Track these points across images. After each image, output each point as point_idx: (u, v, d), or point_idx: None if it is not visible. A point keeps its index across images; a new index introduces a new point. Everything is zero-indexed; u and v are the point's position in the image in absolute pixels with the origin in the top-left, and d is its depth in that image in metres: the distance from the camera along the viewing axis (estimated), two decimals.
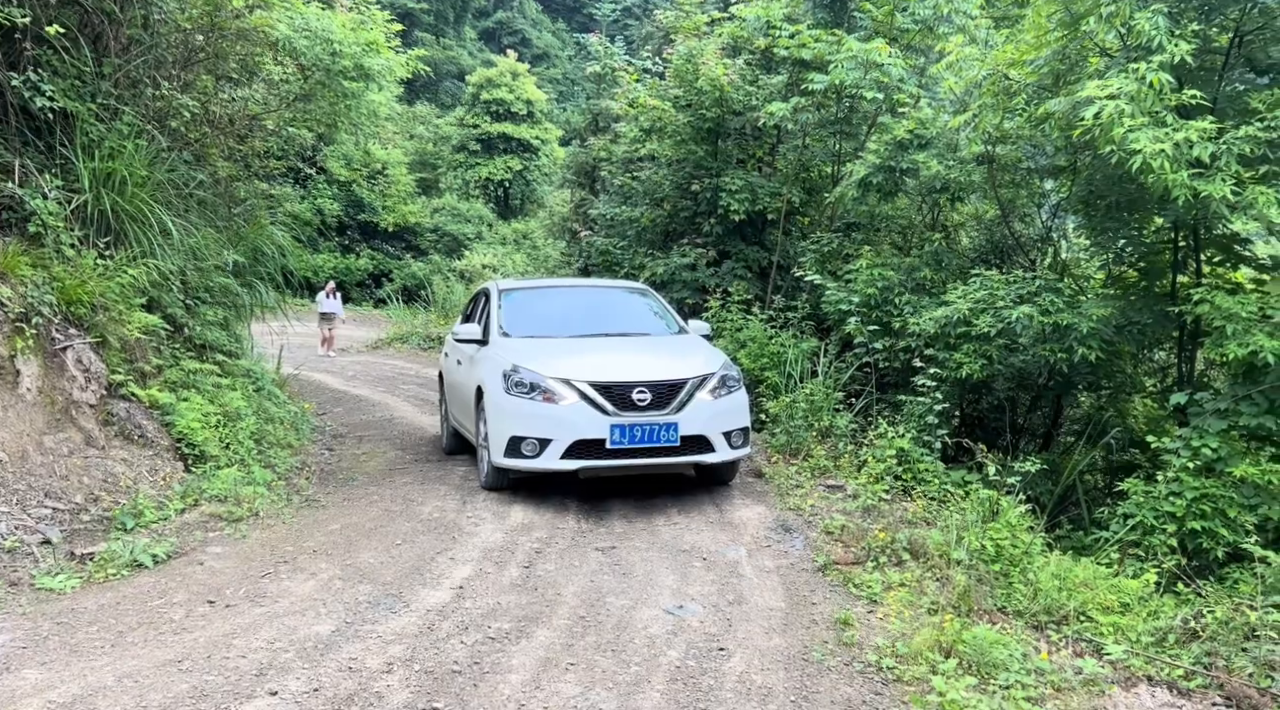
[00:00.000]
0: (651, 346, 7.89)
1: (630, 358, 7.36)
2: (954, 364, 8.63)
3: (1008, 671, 4.39)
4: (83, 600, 4.68)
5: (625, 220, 14.44)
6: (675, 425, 6.77)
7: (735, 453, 7.19)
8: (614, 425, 6.65)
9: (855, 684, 4.29)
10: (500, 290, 8.63)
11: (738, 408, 7.26)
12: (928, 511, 7.01)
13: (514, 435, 6.76)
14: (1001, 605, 5.39)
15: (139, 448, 6.74)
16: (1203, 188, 6.36)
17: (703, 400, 6.95)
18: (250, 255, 9.68)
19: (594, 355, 7.32)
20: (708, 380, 7.09)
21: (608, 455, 6.68)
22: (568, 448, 6.65)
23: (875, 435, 8.35)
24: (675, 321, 8.54)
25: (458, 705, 3.76)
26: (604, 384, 6.77)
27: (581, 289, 9.71)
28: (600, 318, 8.39)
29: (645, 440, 6.70)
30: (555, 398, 6.77)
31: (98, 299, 6.72)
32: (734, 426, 7.14)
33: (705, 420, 6.91)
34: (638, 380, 6.80)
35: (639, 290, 9.38)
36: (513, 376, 6.95)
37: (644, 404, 6.75)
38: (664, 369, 7.04)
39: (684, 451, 6.87)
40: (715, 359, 7.51)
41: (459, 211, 32.32)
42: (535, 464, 6.75)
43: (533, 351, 7.32)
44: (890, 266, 10.30)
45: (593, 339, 7.85)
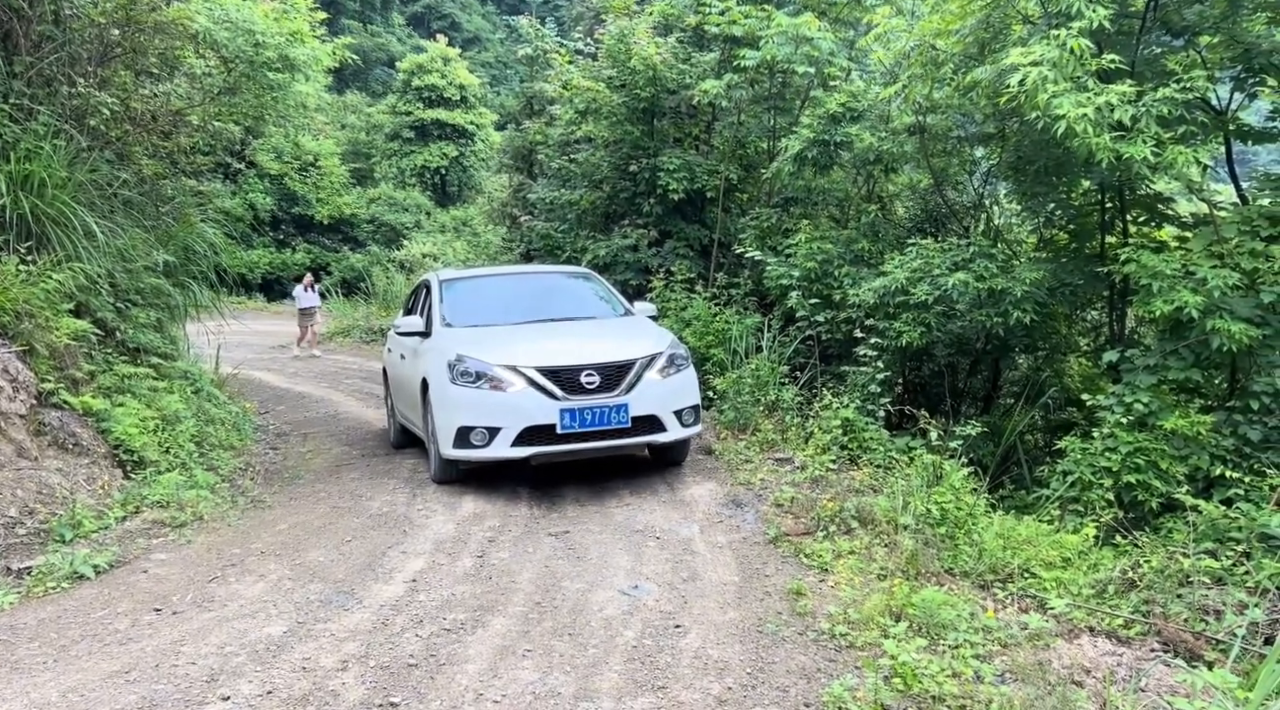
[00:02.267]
0: (598, 329, 7.83)
1: (577, 341, 7.29)
2: (894, 333, 8.77)
3: (956, 631, 4.49)
4: (22, 616, 4.56)
5: (565, 203, 14.38)
6: (625, 406, 6.73)
7: (687, 431, 7.18)
8: (564, 410, 6.60)
9: (809, 652, 4.37)
10: (441, 281, 8.53)
11: (687, 386, 7.27)
12: (874, 479, 7.13)
13: (462, 425, 6.66)
14: (948, 567, 5.51)
15: (74, 457, 6.56)
16: (1125, 150, 6.52)
17: (652, 380, 6.94)
18: (181, 254, 9.45)
19: (540, 340, 7.25)
20: (656, 360, 7.07)
21: (559, 440, 6.63)
22: (518, 435, 6.59)
23: (820, 407, 8.46)
24: (620, 304, 8.52)
25: (415, 699, 3.75)
26: (551, 368, 6.70)
27: (523, 276, 9.59)
28: (544, 303, 8.29)
29: (596, 423, 6.65)
30: (502, 385, 6.69)
31: (22, 306, 6.51)
32: (684, 404, 7.14)
33: (655, 400, 6.90)
34: (585, 363, 6.73)
35: (582, 275, 9.34)
36: (458, 366, 6.85)
37: (593, 387, 6.69)
38: (611, 351, 6.98)
39: (636, 432, 6.83)
40: (663, 338, 7.53)
41: (396, 201, 31.87)
42: (485, 454, 6.67)
43: (477, 340, 7.24)
44: (829, 240, 10.41)
45: (538, 325, 7.77)
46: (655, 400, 6.91)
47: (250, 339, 17.14)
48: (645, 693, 3.84)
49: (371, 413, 11.18)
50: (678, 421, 7.05)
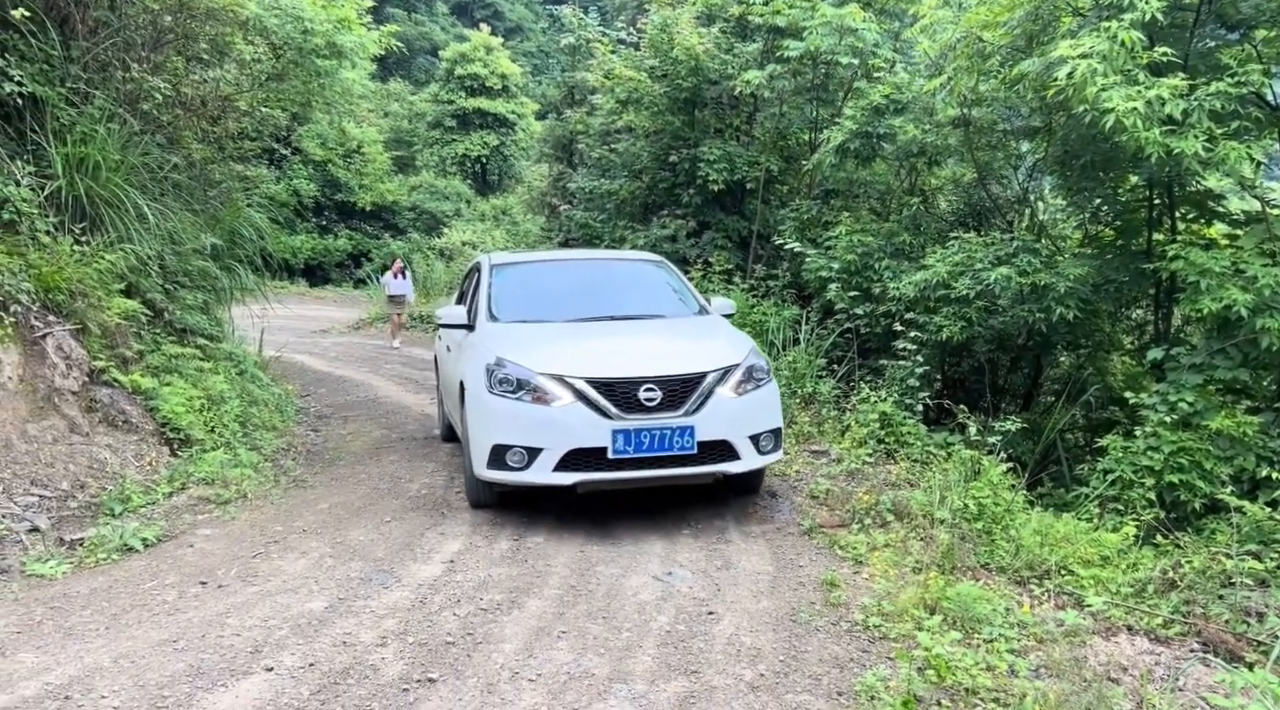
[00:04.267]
0: (665, 332, 6.85)
1: (638, 347, 6.38)
2: (934, 327, 8.71)
3: (991, 626, 4.47)
4: (75, 585, 4.69)
5: (604, 193, 14.42)
6: (691, 429, 5.72)
7: (764, 459, 6.12)
8: (617, 431, 5.64)
9: (842, 642, 4.37)
10: (492, 265, 7.64)
11: (767, 405, 6.21)
12: (911, 473, 7.10)
13: (498, 443, 5.76)
14: (985, 562, 5.48)
15: (124, 433, 6.73)
16: (1175, 145, 6.42)
17: (724, 398, 5.92)
18: (228, 238, 9.62)
19: (595, 344, 6.34)
20: (731, 373, 6.04)
21: (610, 466, 5.69)
22: (562, 458, 5.66)
23: (858, 400, 8.44)
24: (695, 300, 7.48)
25: (452, 675, 3.81)
26: (605, 381, 5.74)
27: (585, 263, 8.36)
28: (606, 297, 7.30)
29: (656, 448, 5.68)
30: (547, 398, 5.75)
31: (76, 285, 6.68)
32: (763, 428, 6.08)
33: (728, 422, 5.88)
34: (646, 376, 5.77)
35: (653, 262, 8.20)
36: (497, 372, 5.94)
37: (653, 404, 5.71)
38: (678, 360, 6.06)
39: (703, 460, 5.81)
40: (740, 346, 6.47)
41: (437, 189, 32.12)
42: (523, 478, 5.76)
43: (523, 341, 6.34)
44: (869, 232, 10.34)
45: (596, 324, 6.79)
46: (728, 422, 5.89)
47: (293, 323, 17.40)
48: (678, 676, 3.88)
49: (411, 398, 11.32)
50: (754, 448, 6.00)
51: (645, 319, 7.02)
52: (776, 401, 6.34)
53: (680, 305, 7.36)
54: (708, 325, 6.95)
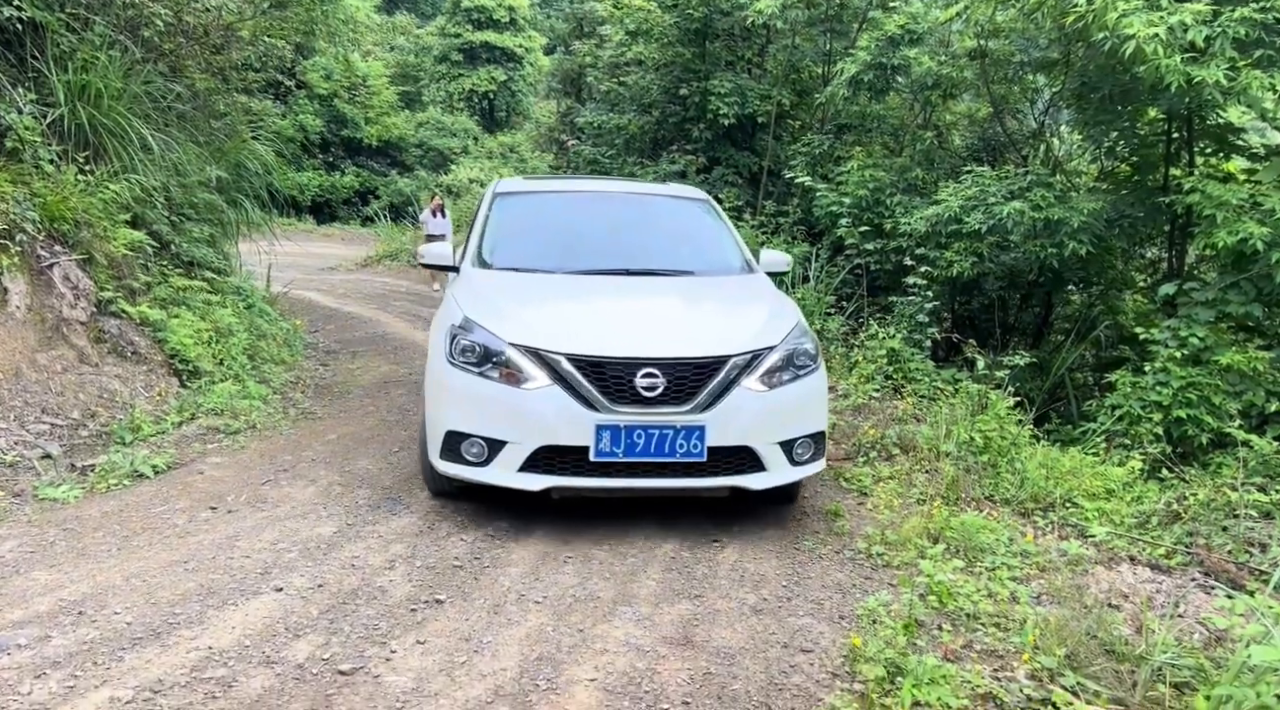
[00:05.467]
0: (690, 296, 5.37)
1: (648, 316, 5.02)
2: (945, 263, 8.64)
3: (994, 555, 4.51)
4: (86, 509, 4.75)
5: (613, 128, 14.24)
6: (701, 430, 4.41)
7: (799, 471, 4.75)
8: (603, 426, 4.35)
9: (845, 570, 4.41)
10: (496, 192, 6.39)
11: (809, 402, 4.79)
12: (917, 409, 7.11)
13: (452, 430, 4.54)
14: (989, 494, 5.50)
15: (132, 364, 6.75)
16: (1196, 73, 6.28)
17: (751, 390, 4.55)
18: (233, 171, 9.54)
19: (593, 309, 5.04)
20: (763, 358, 4.64)
21: (592, 471, 4.43)
22: (530, 455, 4.42)
23: (866, 337, 8.42)
24: (740, 253, 6.02)
25: (460, 597, 3.86)
26: (592, 360, 4.42)
27: (613, 196, 6.69)
28: (629, 244, 5.94)
29: (651, 452, 4.40)
30: (519, 376, 4.46)
31: (81, 215, 6.64)
32: (800, 432, 4.71)
33: (752, 422, 4.54)
34: (646, 357, 4.43)
35: (697, 201, 6.64)
36: (460, 337, 4.65)
37: (654, 394, 4.39)
38: (694, 338, 4.67)
39: (715, 470, 4.52)
40: (782, 321, 4.97)
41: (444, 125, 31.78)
42: (481, 476, 4.52)
43: (504, 297, 5.04)
44: (881, 167, 10.21)
45: (606, 279, 5.42)
46: (752, 423, 4.54)
47: (300, 260, 17.36)
48: (682, 600, 3.92)
49: (419, 334, 11.32)
50: (786, 457, 4.66)
51: (670, 276, 5.59)
52: (822, 398, 4.88)
53: (720, 259, 5.94)
54: (748, 289, 5.53)
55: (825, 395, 4.96)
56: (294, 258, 15.10)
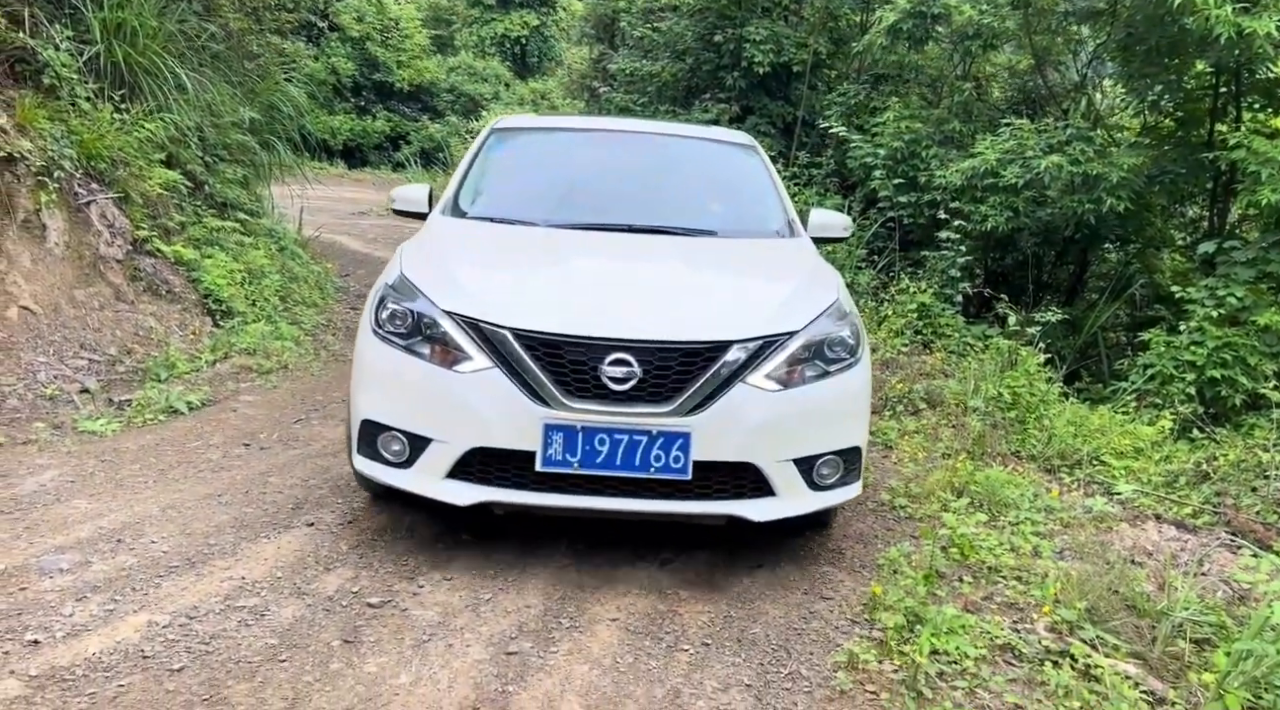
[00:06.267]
0: (703, 261, 4.30)
1: (638, 283, 3.94)
2: (979, 217, 8.51)
3: (1018, 510, 4.51)
4: (124, 442, 4.86)
5: (645, 75, 14.05)
6: (685, 438, 3.36)
7: (821, 498, 3.67)
8: (554, 426, 3.34)
9: (867, 521, 4.44)
10: (495, 128, 5.43)
11: (841, 407, 3.70)
12: (946, 364, 7.07)
13: (369, 419, 3.60)
14: (1015, 450, 5.50)
15: (167, 303, 6.84)
16: (1247, 24, 6.09)
17: (758, 389, 3.47)
18: (266, 113, 9.54)
19: (571, 271, 4.00)
20: (779, 347, 3.54)
21: (539, 484, 3.42)
22: (461, 459, 3.43)
23: (896, 291, 8.35)
24: (782, 211, 4.89)
25: (487, 535, 3.93)
26: (545, 337, 3.39)
27: (633, 137, 5.52)
28: (643, 194, 4.94)
29: (617, 464, 3.36)
30: (453, 355, 3.47)
31: (117, 153, 6.69)
32: (824, 447, 3.62)
33: (756, 431, 3.46)
34: (615, 337, 3.38)
35: (739, 146, 5.50)
36: (390, 300, 3.71)
37: (625, 387, 3.36)
38: (688, 315, 3.59)
39: (703, 492, 3.48)
40: (814, 299, 3.84)
41: (475, 70, 31.50)
42: (400, 480, 3.57)
43: (462, 252, 4.16)
44: (918, 119, 10.02)
45: (601, 236, 4.34)
46: (756, 432, 3.47)
47: (332, 204, 17.42)
48: (699, 549, 3.96)
49: None
50: (803, 478, 3.58)
51: (684, 236, 4.49)
52: (861, 402, 3.80)
53: (754, 218, 4.85)
54: (781, 257, 4.45)
55: (866, 399, 3.81)
56: (325, 202, 15.16)
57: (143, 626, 3.01)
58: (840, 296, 3.93)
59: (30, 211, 5.96)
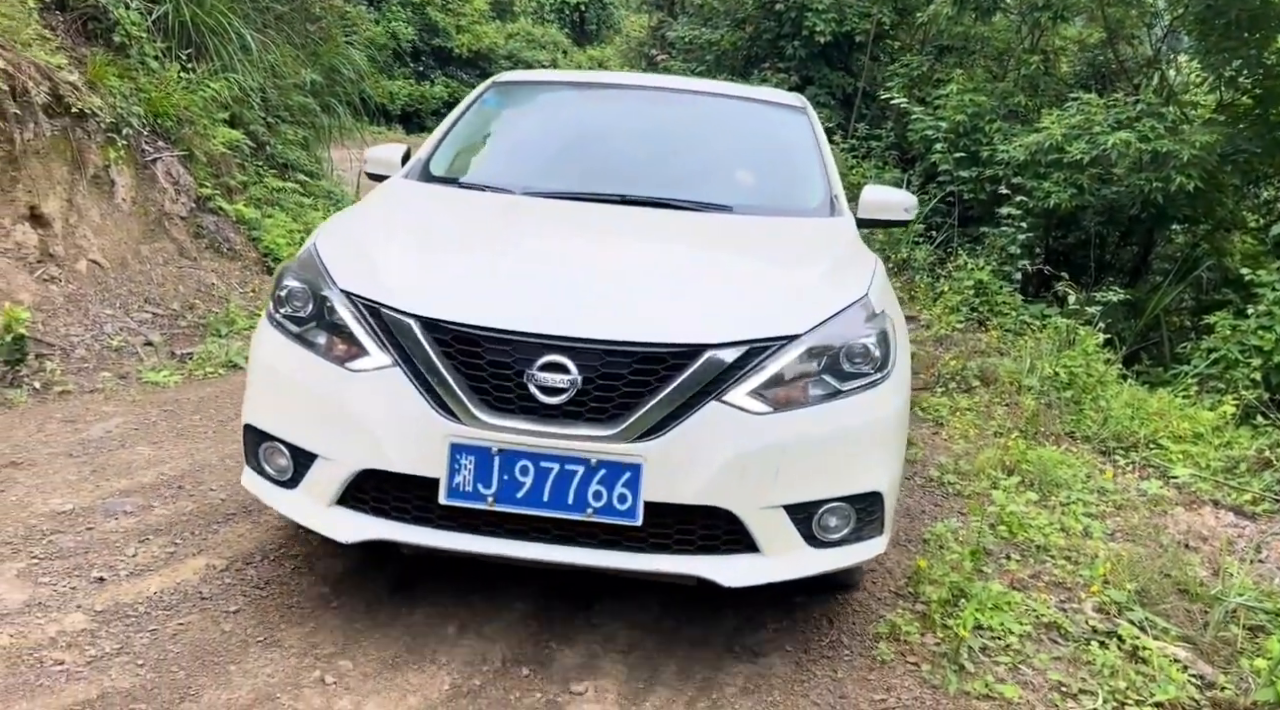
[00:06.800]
0: (703, 242, 3.46)
1: (606, 268, 3.10)
2: (1042, 193, 8.33)
3: (1070, 490, 4.45)
4: (185, 393, 4.99)
5: (704, 44, 13.92)
6: (634, 471, 2.56)
7: (824, 557, 2.79)
8: (463, 447, 2.57)
9: (915, 496, 4.40)
10: (494, 83, 4.67)
11: (855, 437, 2.79)
12: (1002, 342, 6.97)
13: (251, 424, 2.88)
14: (1070, 430, 5.41)
15: (228, 260, 6.99)
16: None
17: (738, 410, 2.62)
18: (327, 75, 9.65)
19: (525, 249, 3.23)
20: (772, 355, 2.69)
21: (444, 520, 2.65)
22: (351, 483, 2.67)
23: (954, 268, 8.23)
24: (822, 185, 4.00)
25: None
26: (459, 329, 2.62)
27: (657, 94, 4.64)
28: (653, 160, 4.15)
29: (543, 500, 2.57)
30: (349, 348, 2.72)
31: (183, 112, 6.82)
32: (831, 492, 2.75)
33: (730, 467, 2.61)
34: (550, 334, 2.60)
35: (787, 107, 4.59)
36: (287, 279, 2.92)
37: (558, 399, 2.57)
38: (654, 311, 2.78)
39: (658, 542, 2.66)
40: (831, 295, 2.94)
41: (534, 37, 31.46)
42: (282, 503, 2.82)
43: (402, 221, 3.38)
44: (982, 92, 9.82)
45: (586, 207, 3.59)
46: (730, 468, 2.61)
47: None
48: None
49: None
50: (800, 532, 2.74)
51: (693, 211, 3.63)
52: (886, 431, 2.84)
53: (787, 192, 4.04)
54: (806, 241, 3.57)
55: (895, 427, 2.85)
56: None
57: (201, 569, 3.11)
58: (871, 292, 2.98)
59: (99, 167, 6.11)
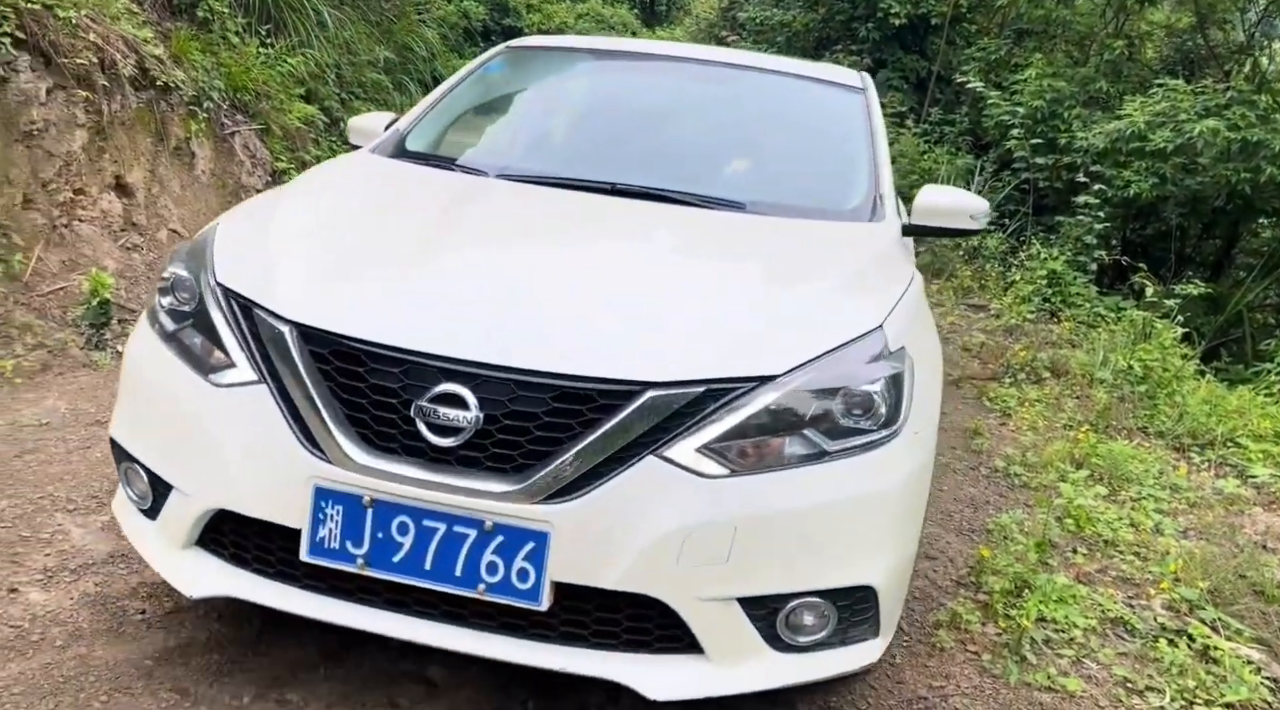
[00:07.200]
0: (692, 248, 2.76)
1: (559, 271, 2.46)
2: (1122, 182, 8.09)
3: (1141, 486, 4.34)
4: None
5: (775, 25, 13.79)
6: (538, 542, 1.95)
7: (795, 665, 2.15)
8: (330, 493, 2.00)
9: (979, 486, 4.34)
10: (510, 48, 4.12)
11: (842, 514, 2.10)
12: (1074, 334, 6.81)
13: (113, 438, 2.39)
14: (1143, 425, 5.27)
15: None
16: None
17: (677, 471, 1.97)
18: (399, 53, 9.77)
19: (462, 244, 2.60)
20: (732, 400, 2.03)
21: (312, 578, 2.11)
22: (210, 522, 2.16)
23: (1026, 256, 8.06)
24: (868, 182, 3.29)
25: None
26: (341, 343, 2.06)
27: (689, 67, 4.02)
28: (665, 146, 3.51)
29: (423, 569, 1.99)
30: (222, 355, 2.17)
31: (261, 87, 6.97)
32: (801, 584, 2.07)
33: (666, 543, 1.95)
34: (446, 356, 2.00)
35: (838, 85, 3.90)
36: (174, 265, 2.42)
37: (451, 441, 1.98)
38: (589, 334, 2.13)
39: (569, 634, 2.06)
40: (840, 323, 2.27)
41: (603, 17, 31.36)
42: (139, 537, 2.34)
43: (323, 204, 2.84)
44: (1062, 77, 9.56)
45: (558, 197, 2.98)
46: (665, 544, 1.95)
47: None
48: None
49: None
50: (760, 632, 2.08)
51: (692, 206, 2.96)
52: (889, 507, 2.19)
53: (822, 187, 3.34)
54: (827, 249, 2.85)
55: (904, 499, 2.23)
56: None
57: None
58: (889, 323, 2.29)
59: (181, 139, 6.28)
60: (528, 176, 3.09)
